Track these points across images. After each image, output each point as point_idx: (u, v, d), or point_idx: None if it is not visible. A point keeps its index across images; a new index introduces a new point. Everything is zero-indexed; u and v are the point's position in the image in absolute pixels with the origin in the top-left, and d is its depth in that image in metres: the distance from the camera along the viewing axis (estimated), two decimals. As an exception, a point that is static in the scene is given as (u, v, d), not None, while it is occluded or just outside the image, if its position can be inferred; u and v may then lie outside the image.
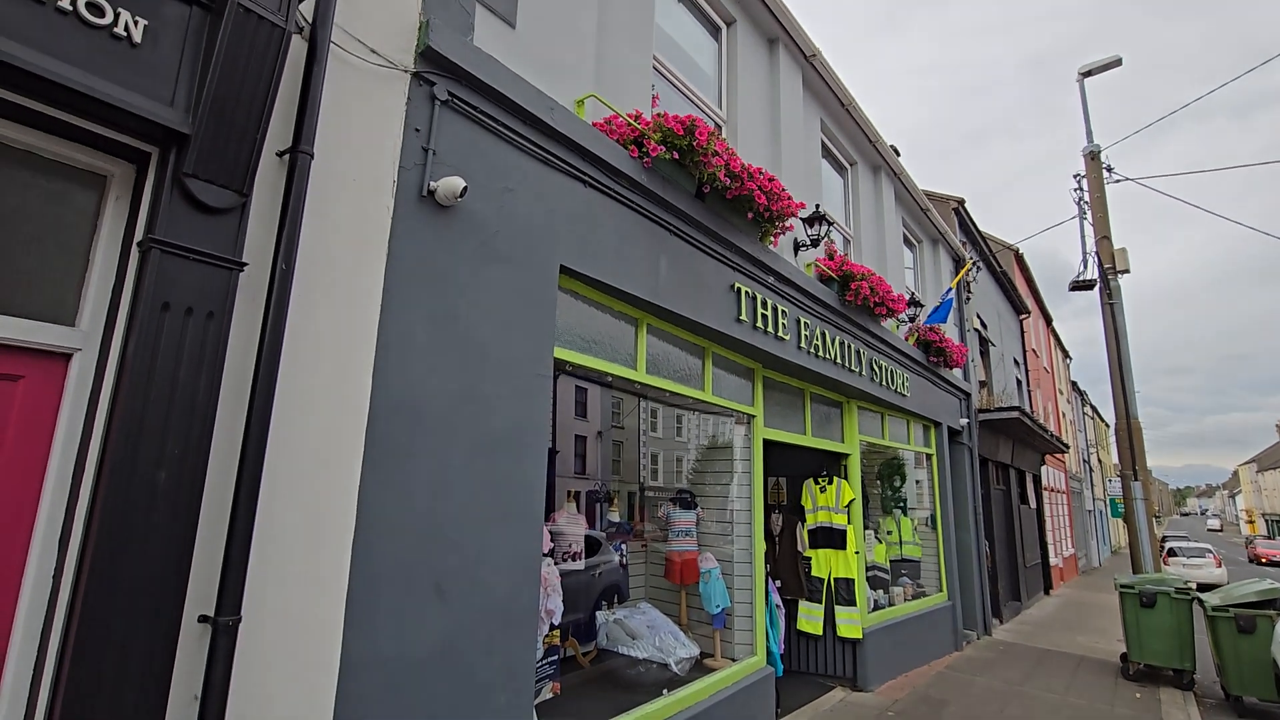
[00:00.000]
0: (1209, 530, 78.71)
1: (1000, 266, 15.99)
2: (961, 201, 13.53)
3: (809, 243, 6.15)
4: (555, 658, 3.54)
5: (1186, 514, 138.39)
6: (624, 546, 5.69)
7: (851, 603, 6.77)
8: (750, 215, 4.90)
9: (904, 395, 8.08)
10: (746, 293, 5.03)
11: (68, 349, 1.93)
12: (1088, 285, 11.17)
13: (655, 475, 6.92)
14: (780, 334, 5.40)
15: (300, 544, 2.21)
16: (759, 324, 5.12)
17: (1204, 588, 8.22)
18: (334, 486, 2.32)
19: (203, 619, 1.94)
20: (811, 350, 5.94)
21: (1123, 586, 7.89)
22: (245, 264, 2.09)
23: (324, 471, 2.30)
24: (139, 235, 1.98)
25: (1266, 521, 67.94)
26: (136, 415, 1.83)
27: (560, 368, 3.68)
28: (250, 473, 2.03)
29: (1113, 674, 7.93)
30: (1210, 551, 22.27)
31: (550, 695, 3.45)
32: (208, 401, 1.96)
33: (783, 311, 5.51)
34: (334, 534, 2.30)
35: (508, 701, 2.80)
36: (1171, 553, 21.97)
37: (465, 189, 2.82)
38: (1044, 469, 17.90)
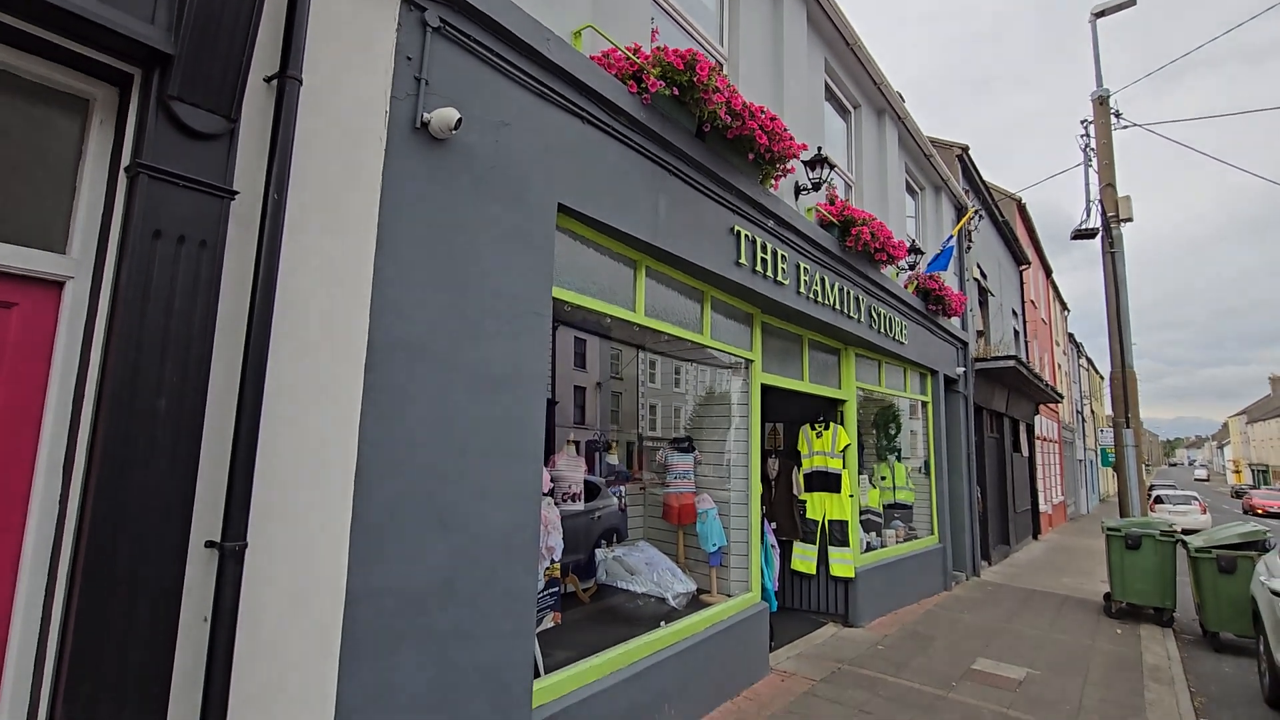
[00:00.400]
0: (1196, 480, 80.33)
1: (1002, 216, 15.80)
2: (966, 148, 13.27)
3: (810, 186, 6.05)
4: (556, 589, 3.64)
5: (1174, 464, 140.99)
6: (623, 489, 5.78)
7: (845, 544, 6.94)
8: (751, 156, 4.80)
9: (902, 343, 8.09)
10: (746, 236, 4.97)
11: (60, 276, 1.90)
12: (1090, 234, 11.08)
13: (654, 425, 6.98)
14: (779, 279, 5.37)
15: (303, 475, 2.23)
16: (758, 268, 5.08)
17: (1188, 533, 8.46)
18: (335, 420, 2.34)
19: (209, 544, 1.97)
20: (810, 296, 5.92)
21: (1110, 529, 8.08)
22: (236, 192, 2.05)
23: (324, 404, 2.31)
24: (126, 161, 1.93)
25: (1253, 471, 69.29)
26: (133, 343, 1.82)
27: (559, 309, 3.66)
28: (250, 403, 2.03)
29: (1095, 612, 8.20)
30: (1196, 499, 22.82)
31: (551, 624, 3.56)
32: (204, 330, 1.95)
33: (782, 256, 5.46)
34: (336, 466, 2.33)
35: (511, 628, 2.89)
36: (1159, 500, 22.53)
37: (460, 121, 2.74)
38: (1038, 419, 18.12)
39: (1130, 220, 10.51)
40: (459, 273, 2.86)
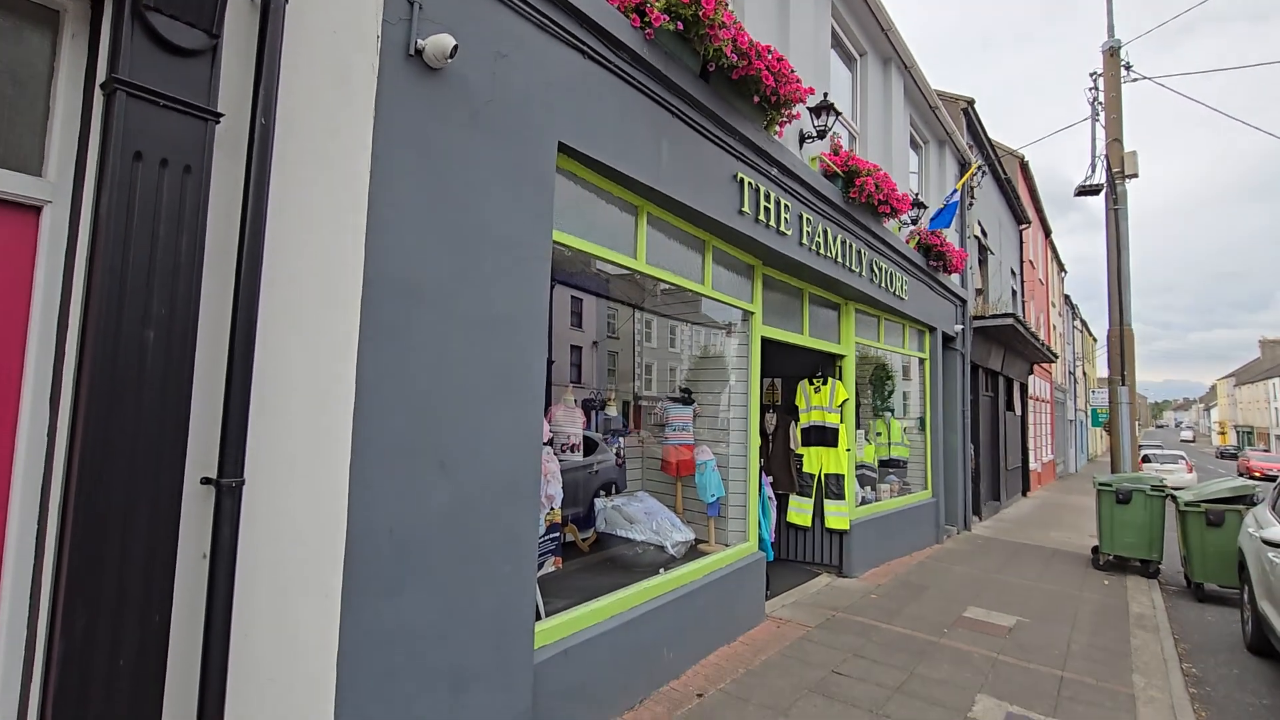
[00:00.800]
0: (1182, 440, 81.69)
1: (1005, 173, 15.57)
2: (971, 102, 12.97)
3: (815, 134, 5.89)
4: (557, 535, 3.64)
5: (1161, 426, 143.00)
6: (621, 442, 5.78)
7: (840, 497, 7.00)
8: (756, 99, 4.64)
9: (902, 299, 8.03)
10: (749, 184, 4.85)
11: (36, 200, 1.81)
12: (1094, 190, 10.93)
13: (650, 385, 6.96)
14: (782, 229, 5.26)
15: (300, 413, 2.18)
16: (761, 217, 4.97)
17: (1176, 489, 8.61)
18: (331, 357, 2.27)
19: (205, 481, 1.93)
20: (813, 247, 5.82)
21: (1101, 484, 8.19)
22: (221, 115, 1.94)
23: (320, 341, 2.24)
24: (102, 77, 1.81)
25: (1238, 432, 70.40)
26: (116, 273, 1.74)
27: (560, 253, 3.57)
28: (242, 338, 1.96)
29: (1083, 565, 8.37)
30: (1182, 458, 23.30)
31: (553, 569, 3.58)
32: (191, 261, 1.86)
33: (785, 206, 5.34)
34: (334, 405, 2.28)
35: (511, 570, 2.89)
36: (1146, 459, 22.90)
37: (455, 48, 2.61)
38: (1031, 378, 18.22)
39: (1136, 176, 10.36)
40: (457, 212, 2.76)
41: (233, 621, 1.95)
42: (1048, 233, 25.05)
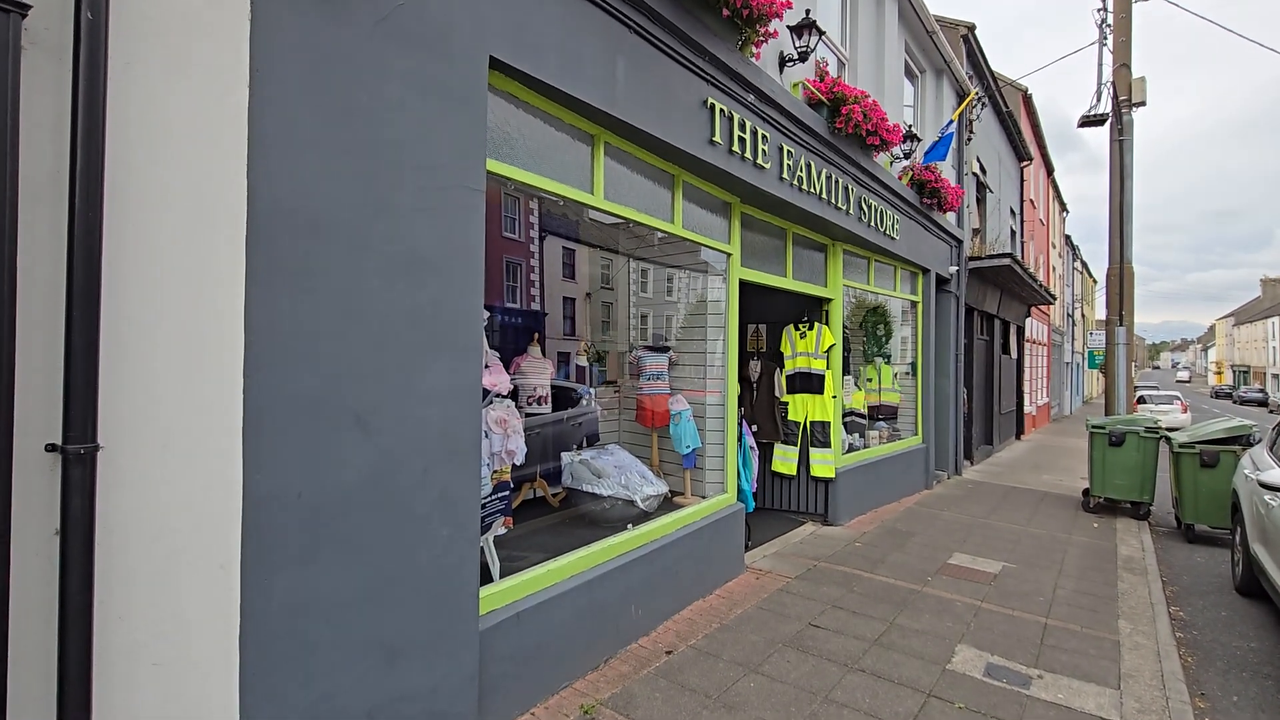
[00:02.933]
0: (1178, 381, 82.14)
1: (1006, 107, 14.88)
2: (972, 28, 12.23)
3: (796, 57, 5.42)
4: (506, 493, 3.42)
5: (1157, 367, 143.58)
6: (592, 391, 5.53)
7: (826, 445, 6.81)
8: (726, 12, 4.19)
9: (893, 238, 7.65)
10: (722, 110, 4.44)
11: None
12: (1099, 120, 10.41)
13: (644, 335, 6.69)
14: (760, 161, 4.87)
15: (171, 367, 1.89)
16: (735, 147, 4.58)
17: (1170, 430, 8.43)
18: (211, 301, 1.97)
19: (50, 448, 1.66)
20: (795, 183, 5.44)
21: (1094, 427, 8.00)
22: (29, 5, 1.59)
23: (195, 282, 1.94)
24: None
25: (1234, 372, 70.59)
26: (-98, 200, 1.43)
27: (501, 185, 3.23)
28: (84, 280, 1.66)
29: (1073, 508, 8.26)
30: (1178, 399, 23.31)
31: (503, 530, 3.37)
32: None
33: (763, 136, 4.94)
34: (216, 357, 1.99)
35: (450, 535, 2.66)
36: (1141, 400, 22.93)
37: (350, -63, 2.22)
38: (1029, 321, 17.93)
39: (1144, 104, 9.83)
40: (364, 135, 2.41)
41: (100, 603, 1.72)
42: (1050, 171, 24.33)
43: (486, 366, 4.17)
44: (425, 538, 2.58)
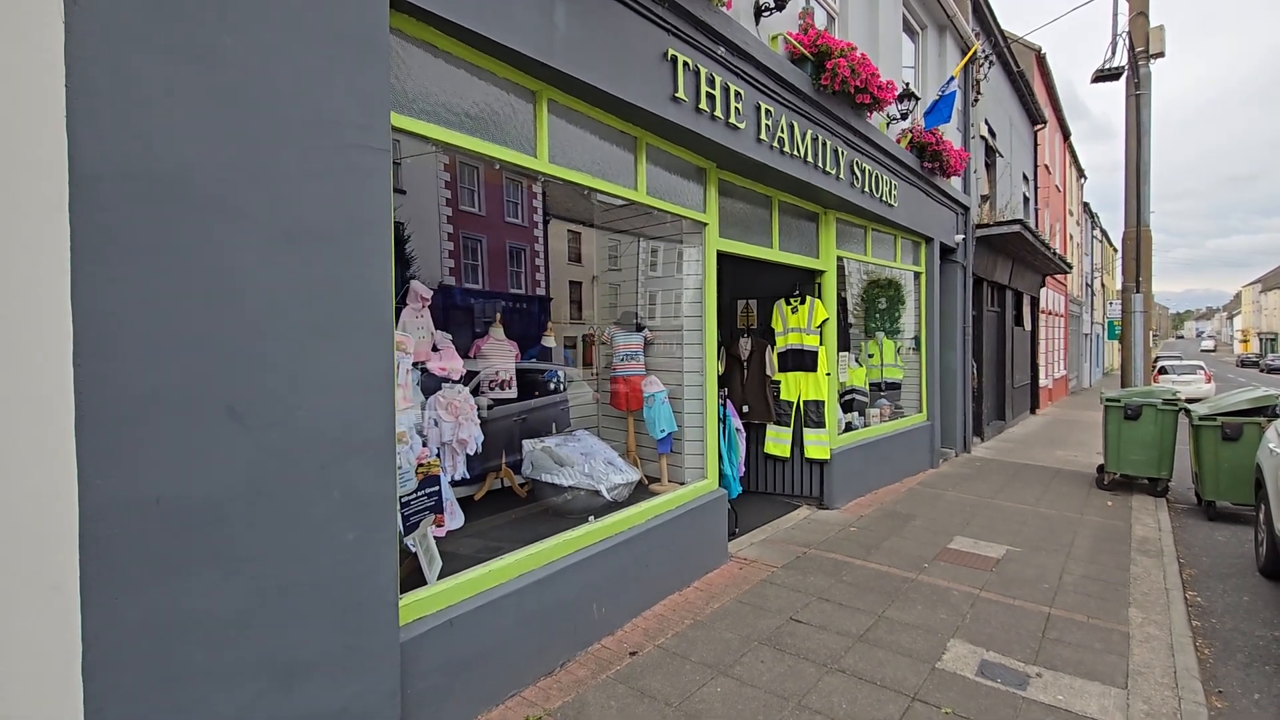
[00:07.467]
0: (1202, 351, 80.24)
1: (1018, 66, 14.17)
2: (979, -19, 11.57)
3: (773, 5, 4.98)
4: (435, 489, 3.13)
5: (1181, 337, 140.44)
6: (560, 374, 5.23)
7: (820, 425, 6.47)
8: (686, -48, 3.79)
9: (891, 205, 7.22)
10: (687, 64, 4.06)
11: None
12: (1114, 74, 9.81)
13: (653, 314, 6.40)
14: (733, 121, 4.48)
15: (-33, 357, 1.61)
16: (703, 105, 4.20)
17: (1192, 402, 7.95)
18: (22, 279, 1.68)
19: None
20: (775, 145, 5.03)
21: (1109, 400, 7.57)
22: None
23: (-4, 260, 1.64)
24: None
25: (1261, 340, 68.77)
26: None
27: (421, 147, 2.89)
28: None
29: (1087, 485, 7.86)
30: (1201, 369, 22.56)
31: (436, 529, 3.08)
32: None
33: (737, 93, 4.54)
34: (35, 343, 1.70)
35: (357, 538, 2.37)
36: (1163, 370, 22.26)
37: None
38: (1044, 291, 17.32)
39: (1162, 55, 9.21)
40: (233, 84, 2.08)
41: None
42: (1066, 134, 23.41)
43: (435, 349, 3.88)
44: (325, 543, 2.29)
